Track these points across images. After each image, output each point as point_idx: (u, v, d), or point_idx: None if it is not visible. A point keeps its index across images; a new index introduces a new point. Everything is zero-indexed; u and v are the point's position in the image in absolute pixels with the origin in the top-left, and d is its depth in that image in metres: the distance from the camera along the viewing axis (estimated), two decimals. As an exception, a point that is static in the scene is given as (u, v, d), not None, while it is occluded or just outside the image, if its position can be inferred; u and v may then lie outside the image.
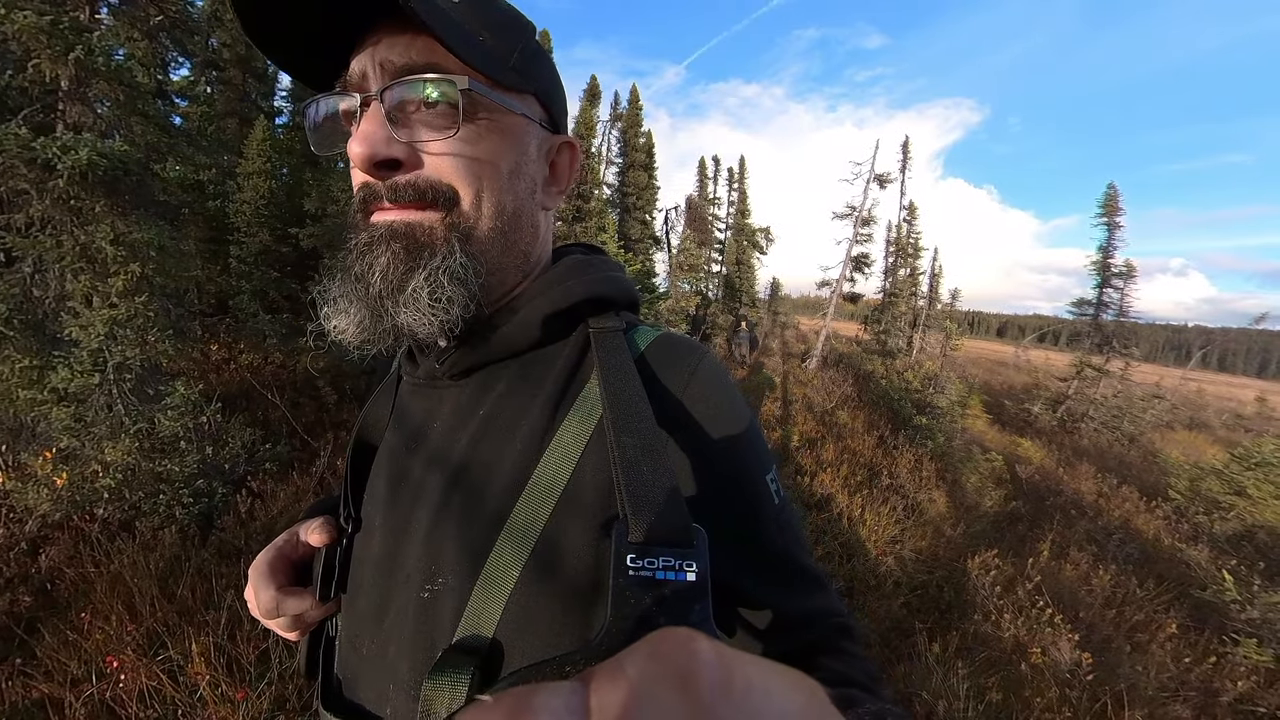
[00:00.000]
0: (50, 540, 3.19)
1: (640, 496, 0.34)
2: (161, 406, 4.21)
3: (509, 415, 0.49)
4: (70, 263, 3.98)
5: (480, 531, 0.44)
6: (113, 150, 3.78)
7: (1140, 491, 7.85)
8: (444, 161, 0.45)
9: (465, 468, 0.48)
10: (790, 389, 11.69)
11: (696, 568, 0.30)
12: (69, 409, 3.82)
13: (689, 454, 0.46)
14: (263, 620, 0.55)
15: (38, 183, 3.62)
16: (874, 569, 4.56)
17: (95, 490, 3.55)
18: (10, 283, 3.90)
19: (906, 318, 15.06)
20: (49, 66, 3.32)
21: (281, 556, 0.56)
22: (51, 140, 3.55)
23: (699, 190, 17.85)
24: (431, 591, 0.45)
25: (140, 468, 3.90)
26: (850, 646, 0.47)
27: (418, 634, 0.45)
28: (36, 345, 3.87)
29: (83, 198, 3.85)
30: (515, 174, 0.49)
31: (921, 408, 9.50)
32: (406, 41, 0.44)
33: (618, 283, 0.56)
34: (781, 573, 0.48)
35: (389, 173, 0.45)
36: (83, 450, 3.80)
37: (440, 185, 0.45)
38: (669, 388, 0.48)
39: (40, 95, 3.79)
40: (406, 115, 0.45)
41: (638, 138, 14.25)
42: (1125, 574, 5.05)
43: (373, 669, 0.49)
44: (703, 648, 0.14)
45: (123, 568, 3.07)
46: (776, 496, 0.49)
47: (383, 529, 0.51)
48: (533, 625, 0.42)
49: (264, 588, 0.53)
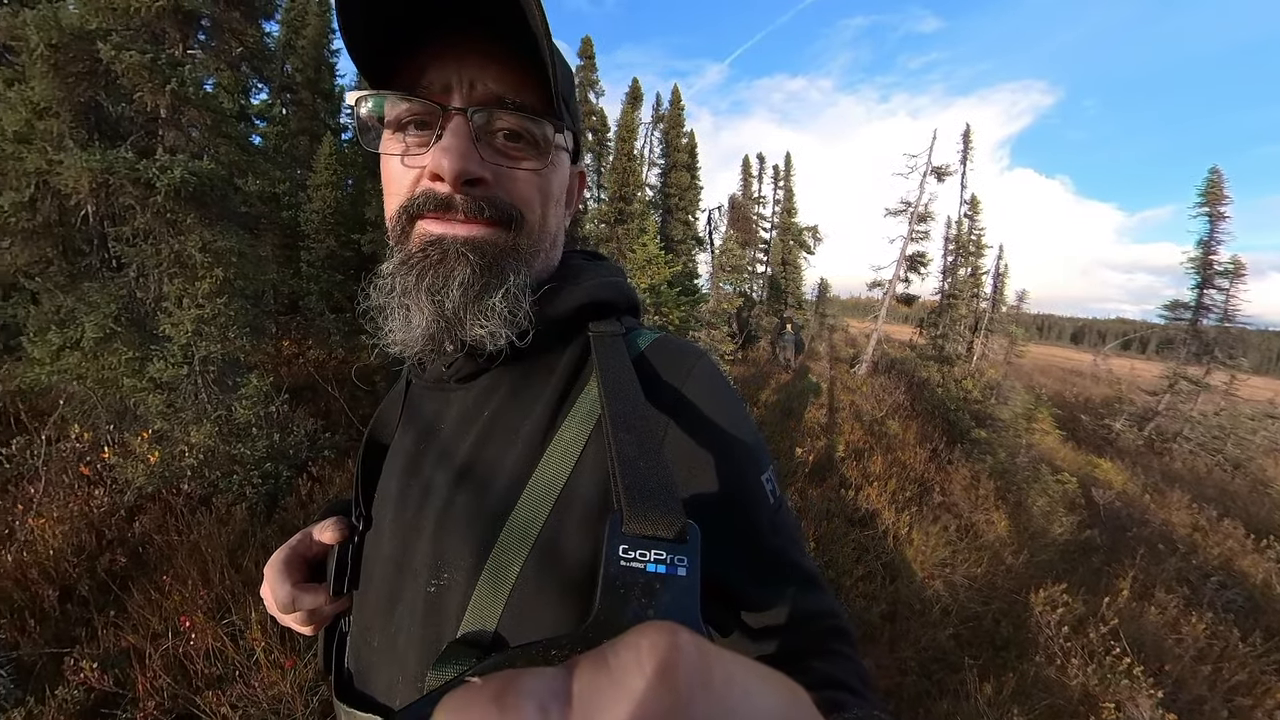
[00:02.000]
0: (143, 509, 3.64)
1: (635, 490, 0.34)
2: (238, 396, 4.69)
3: (512, 418, 0.51)
4: (166, 268, 4.52)
5: (483, 530, 0.46)
6: (202, 169, 4.27)
7: (1247, 527, 6.75)
8: (519, 187, 0.48)
9: (470, 468, 0.50)
10: (837, 395, 11.19)
11: (688, 563, 0.30)
12: (162, 396, 4.35)
13: (684, 452, 0.47)
14: (279, 616, 0.57)
15: (141, 199, 4.15)
16: (920, 593, 4.27)
17: (181, 468, 4.02)
18: (119, 286, 4.48)
19: (966, 321, 14.04)
20: (150, 98, 3.81)
21: (296, 554, 0.58)
22: (152, 162, 4.06)
23: (743, 189, 17.51)
24: (437, 587, 0.47)
25: (218, 450, 4.36)
26: (842, 648, 0.47)
27: (425, 628, 0.47)
28: (138, 340, 4.43)
29: (177, 211, 4.37)
30: (559, 203, 0.54)
31: (981, 419, 8.79)
32: (499, 68, 0.46)
33: (617, 287, 0.57)
34: (775, 573, 0.48)
35: (470, 188, 0.47)
36: (172, 432, 4.31)
37: (512, 208, 0.48)
38: (666, 388, 0.49)
39: (144, 123, 4.34)
40: (489, 137, 0.47)
41: (680, 138, 14.19)
42: (1225, 624, 4.34)
43: (382, 661, 0.51)
44: (685, 641, 0.14)
45: (200, 538, 3.45)
46: (772, 496, 0.49)
47: (392, 527, 0.53)
48: (534, 619, 0.43)
49: (280, 584, 0.55)
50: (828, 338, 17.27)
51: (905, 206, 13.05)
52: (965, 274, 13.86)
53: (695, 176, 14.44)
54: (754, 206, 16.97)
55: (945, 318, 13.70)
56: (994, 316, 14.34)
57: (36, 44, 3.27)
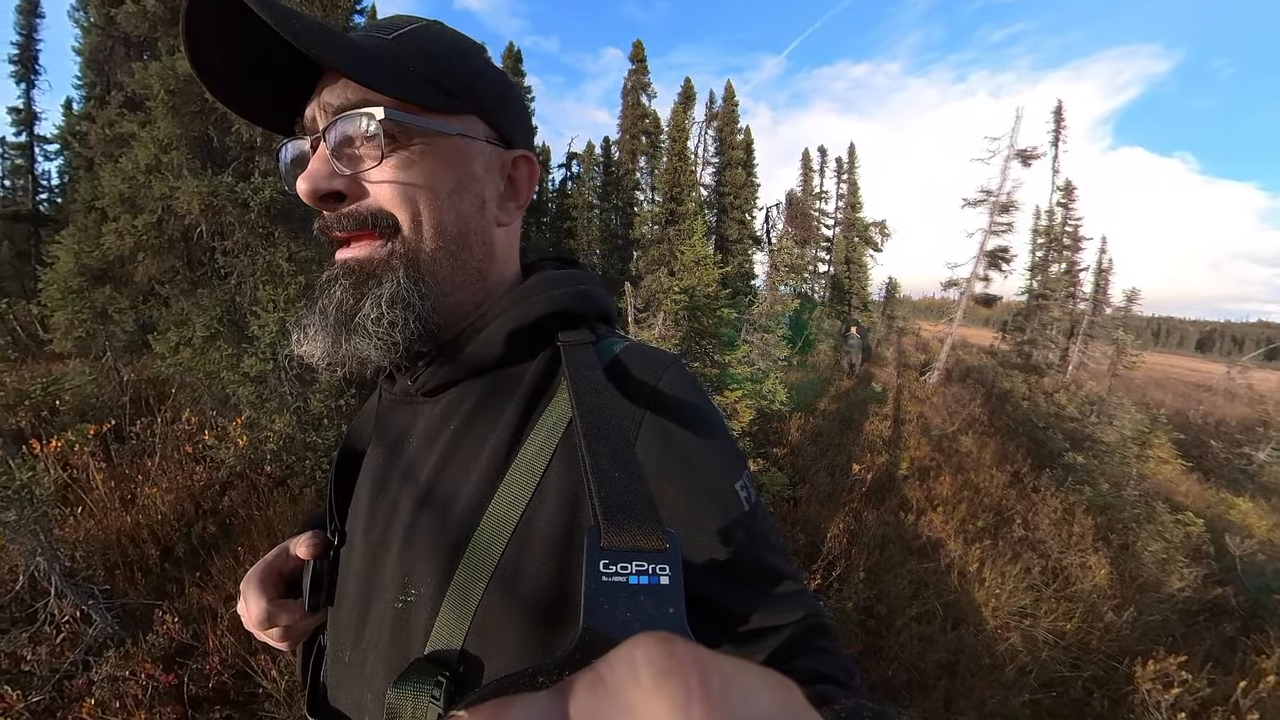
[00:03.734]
0: (233, 485, 4.23)
1: (612, 502, 0.34)
2: (313, 390, 5.29)
3: (476, 432, 0.51)
4: (260, 276, 5.20)
5: (448, 547, 0.46)
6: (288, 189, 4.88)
7: None
8: (381, 189, 0.48)
9: (434, 484, 0.50)
10: (904, 406, 10.33)
11: (670, 571, 0.30)
12: (253, 388, 5.01)
13: (657, 459, 0.47)
14: (256, 632, 0.57)
15: (239, 217, 4.82)
16: (990, 645, 3.65)
17: (264, 451, 4.62)
18: (223, 292, 5.23)
19: (1061, 324, 12.49)
20: (246, 129, 4.40)
21: (272, 570, 0.58)
22: (248, 184, 4.70)
23: (803, 184, 16.74)
24: (405, 603, 0.48)
25: (296, 437, 4.95)
26: (826, 644, 0.48)
27: (393, 644, 0.48)
28: (236, 339, 5.14)
29: (268, 226, 5.02)
30: (456, 193, 0.50)
31: (1077, 441, 7.63)
32: (343, 83, 0.47)
33: (586, 296, 0.57)
34: (752, 577, 0.48)
35: (335, 204, 0.48)
36: (259, 420, 4.95)
37: (380, 213, 0.48)
38: (638, 394, 0.49)
39: (243, 151, 5.02)
40: (348, 151, 0.48)
41: (734, 135, 13.88)
42: None
43: (353, 677, 0.52)
44: (679, 649, 0.14)
45: (274, 515, 3.95)
46: (747, 503, 0.49)
47: (363, 542, 0.54)
48: (499, 636, 0.44)
49: (255, 600, 0.56)
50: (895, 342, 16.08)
51: (985, 196, 11.77)
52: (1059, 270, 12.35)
53: (751, 174, 14.08)
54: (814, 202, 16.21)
55: (1034, 321, 12.31)
56: (1095, 319, 12.63)
57: (158, 90, 3.91)
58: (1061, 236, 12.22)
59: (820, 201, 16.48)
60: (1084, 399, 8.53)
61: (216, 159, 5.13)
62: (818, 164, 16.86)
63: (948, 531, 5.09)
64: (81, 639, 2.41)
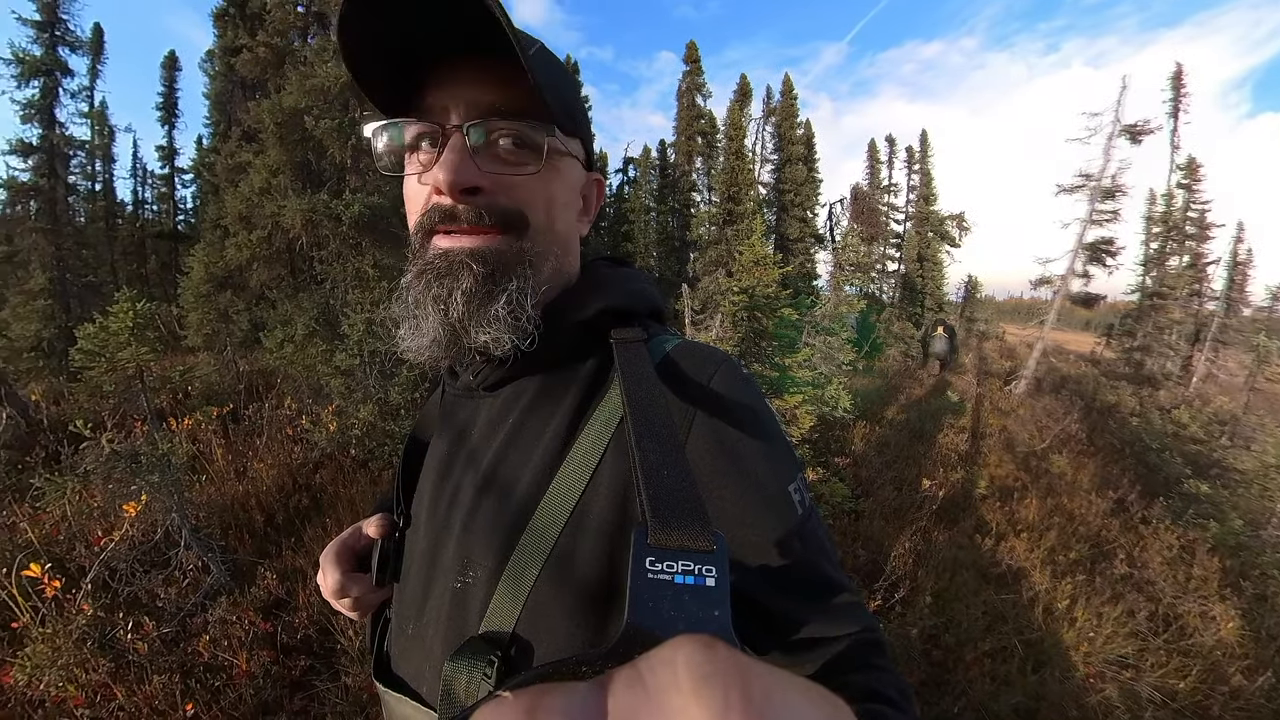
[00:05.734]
0: (323, 465, 4.78)
1: (660, 500, 0.34)
2: (393, 383, 5.84)
3: (534, 425, 0.52)
4: (350, 282, 5.85)
5: (504, 535, 0.48)
6: (374, 203, 5.44)
7: None
8: (520, 193, 0.50)
9: (493, 475, 0.52)
10: (984, 418, 9.41)
11: (716, 573, 0.30)
12: (342, 380, 5.63)
13: (708, 459, 0.47)
14: (331, 601, 0.62)
15: (333, 229, 5.45)
16: (1079, 695, 3.19)
17: (350, 437, 5.17)
18: (319, 295, 5.92)
19: (1182, 328, 10.82)
20: (339, 153, 4.99)
21: (346, 547, 0.63)
22: (340, 200, 5.31)
23: (869, 178, 15.81)
24: (463, 584, 0.50)
25: (377, 425, 5.49)
26: (879, 661, 0.46)
27: (450, 621, 0.50)
28: (330, 336, 5.81)
29: (357, 237, 5.63)
30: (566, 206, 0.55)
31: (1202, 467, 6.51)
32: (493, 83, 0.49)
33: (639, 294, 0.59)
34: (805, 585, 0.47)
35: (471, 197, 0.49)
36: (347, 409, 5.56)
37: (515, 212, 0.50)
38: (690, 391, 0.50)
39: (336, 172, 5.68)
40: (487, 149, 0.49)
41: (793, 129, 13.44)
42: None
43: (414, 649, 0.55)
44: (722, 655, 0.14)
45: (357, 493, 4.42)
46: (800, 506, 0.49)
47: (427, 524, 0.57)
48: (549, 622, 0.46)
49: (331, 572, 0.60)
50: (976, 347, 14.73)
51: (1084, 180, 10.31)
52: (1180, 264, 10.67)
53: (812, 169, 13.58)
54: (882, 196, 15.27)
55: (1147, 323, 10.78)
56: (1229, 322, 10.80)
57: (268, 123, 4.55)
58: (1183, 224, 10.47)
59: (889, 195, 15.47)
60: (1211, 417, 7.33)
61: (314, 179, 5.85)
62: (885, 155, 15.86)
63: (1032, 561, 4.54)
64: (201, 585, 2.86)
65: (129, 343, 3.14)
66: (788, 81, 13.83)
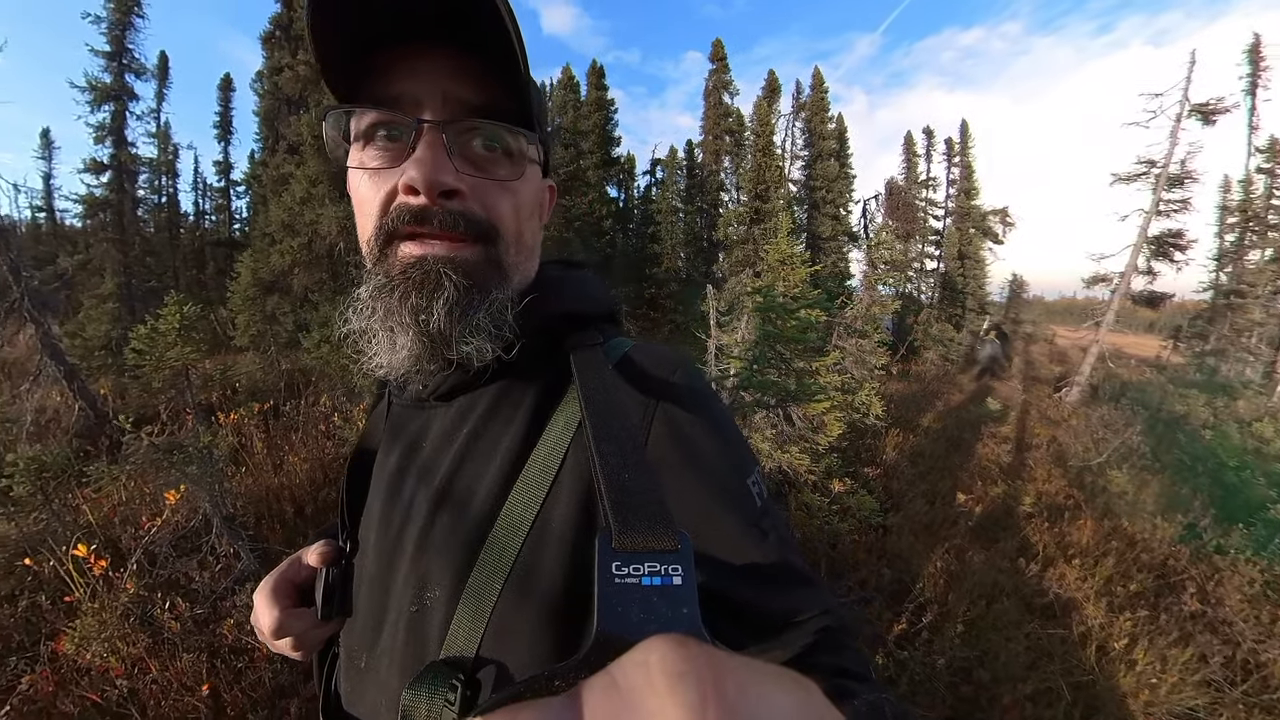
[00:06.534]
0: (352, 462, 5.01)
1: (622, 504, 0.34)
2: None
3: (491, 434, 0.51)
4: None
5: (462, 552, 0.46)
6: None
7: None
8: (493, 200, 0.48)
9: (449, 487, 0.50)
10: (1030, 428, 8.77)
11: (682, 570, 0.30)
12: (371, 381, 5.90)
13: (668, 457, 0.47)
14: (269, 643, 0.57)
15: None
16: None
17: (377, 434, 5.41)
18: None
19: (1264, 330, 9.83)
20: (369, 160, 5.24)
21: (285, 580, 0.57)
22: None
23: (905, 172, 15.19)
24: (420, 607, 0.47)
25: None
26: (842, 639, 0.47)
27: (408, 647, 0.48)
28: (362, 338, 6.11)
29: (386, 242, 5.91)
30: (532, 215, 0.54)
31: None
32: (472, 79, 0.46)
33: (594, 298, 0.59)
34: (769, 575, 0.48)
35: (446, 200, 0.46)
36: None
37: (488, 222, 0.48)
38: (650, 389, 0.50)
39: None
40: (462, 149, 0.47)
41: (824, 124, 13.07)
42: None
43: (367, 683, 0.51)
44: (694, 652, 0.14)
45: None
46: (758, 499, 0.49)
47: (376, 547, 0.53)
48: (516, 639, 0.44)
49: (267, 610, 0.55)
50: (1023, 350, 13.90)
51: (1146, 167, 9.36)
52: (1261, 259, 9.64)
53: (845, 165, 13.18)
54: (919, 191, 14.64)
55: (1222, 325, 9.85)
56: (1318, 323, 9.77)
57: (307, 136, 4.82)
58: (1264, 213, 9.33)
59: (927, 190, 14.76)
60: (1297, 427, 6.59)
61: (350, 187, 6.18)
62: (923, 148, 15.16)
63: (1085, 592, 4.09)
64: (232, 571, 3.05)
65: (176, 343, 3.39)
66: (818, 75, 13.50)
